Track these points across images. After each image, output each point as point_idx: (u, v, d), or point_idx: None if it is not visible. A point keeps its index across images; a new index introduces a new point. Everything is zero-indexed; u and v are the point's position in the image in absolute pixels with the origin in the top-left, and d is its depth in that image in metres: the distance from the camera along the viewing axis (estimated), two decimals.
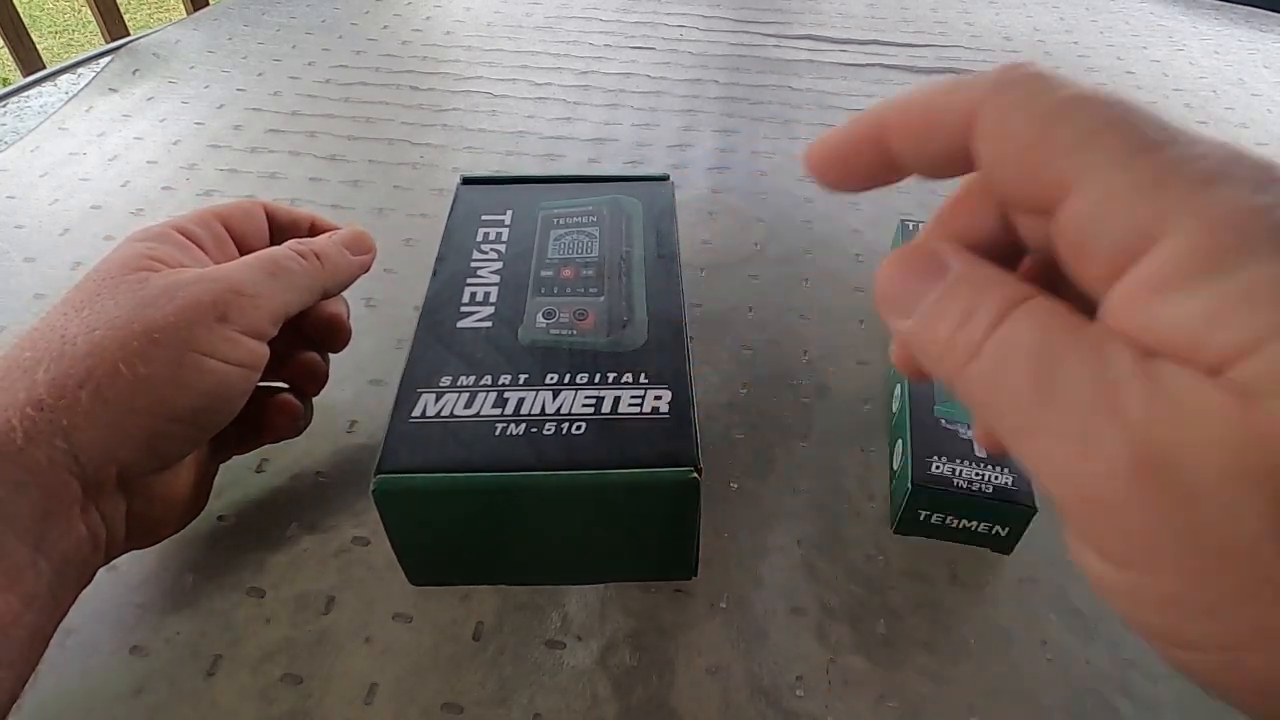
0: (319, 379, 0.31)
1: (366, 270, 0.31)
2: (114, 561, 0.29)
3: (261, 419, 0.29)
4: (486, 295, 0.31)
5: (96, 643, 0.27)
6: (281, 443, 0.34)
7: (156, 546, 0.30)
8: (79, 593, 0.23)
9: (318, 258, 0.28)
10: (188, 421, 0.23)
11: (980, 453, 0.30)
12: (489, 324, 0.30)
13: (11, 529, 0.20)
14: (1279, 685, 0.11)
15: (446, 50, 0.65)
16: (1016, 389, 0.12)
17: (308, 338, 0.31)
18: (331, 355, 0.32)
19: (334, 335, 0.31)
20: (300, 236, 0.30)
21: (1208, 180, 0.11)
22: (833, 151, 0.16)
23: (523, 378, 0.27)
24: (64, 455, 0.21)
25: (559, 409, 0.26)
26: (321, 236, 0.30)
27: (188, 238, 0.27)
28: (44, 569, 0.20)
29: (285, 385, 0.31)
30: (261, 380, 0.26)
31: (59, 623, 0.22)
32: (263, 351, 0.26)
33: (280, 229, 0.31)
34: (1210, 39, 0.72)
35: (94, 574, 0.23)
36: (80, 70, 0.62)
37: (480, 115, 0.56)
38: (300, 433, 0.31)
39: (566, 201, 0.35)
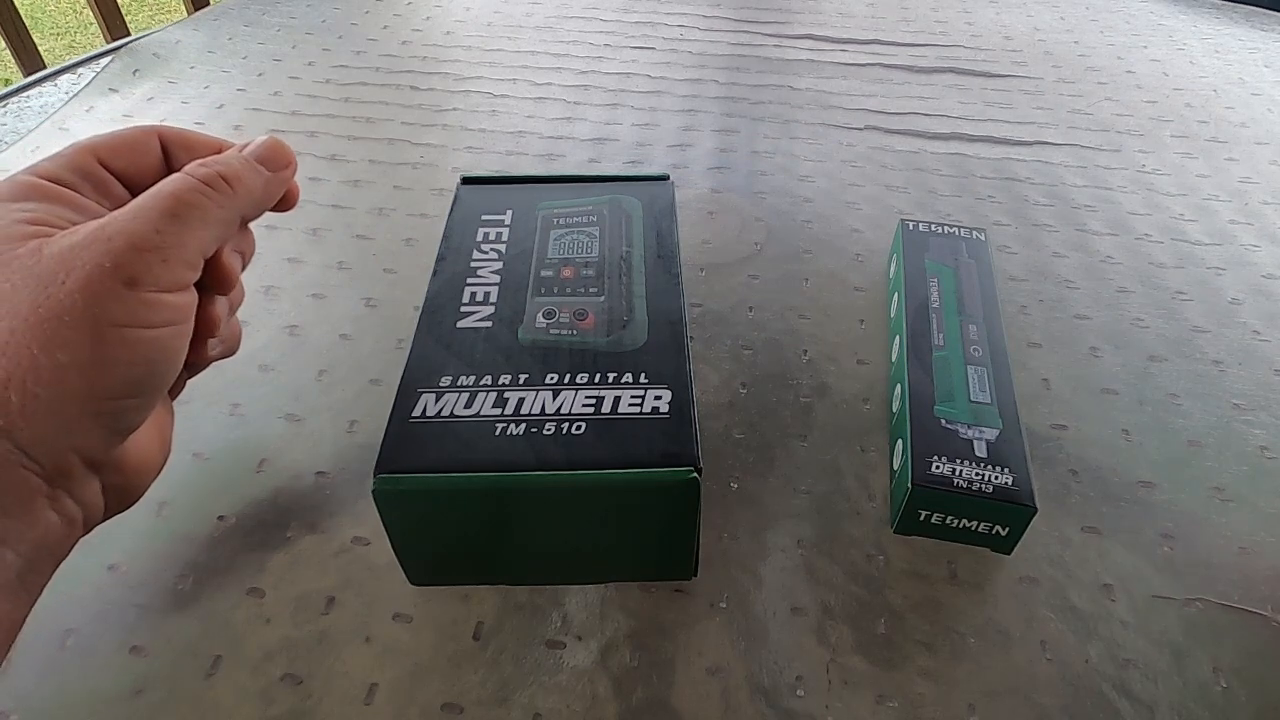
0: (229, 281, 0.26)
1: (287, 187, 0.27)
2: (114, 561, 0.29)
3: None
4: (486, 295, 0.31)
5: (96, 643, 0.27)
6: (281, 441, 0.34)
7: (157, 547, 0.30)
8: (55, 570, 0.22)
9: (226, 182, 0.24)
10: (131, 393, 0.22)
11: (980, 453, 0.30)
12: (489, 324, 0.30)
13: None
14: None
15: (446, 50, 0.65)
16: None
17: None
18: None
19: (220, 282, 0.26)
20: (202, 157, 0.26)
21: None
22: None
23: (523, 378, 0.27)
24: (12, 454, 0.20)
25: (559, 409, 0.26)
26: (229, 153, 0.26)
27: (62, 186, 0.23)
28: (11, 560, 0.20)
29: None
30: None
31: (33, 603, 0.21)
32: (187, 301, 0.23)
33: (178, 154, 0.26)
34: (1211, 38, 0.72)
35: (70, 549, 0.22)
36: (80, 70, 0.62)
37: (480, 115, 0.56)
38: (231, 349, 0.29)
39: (566, 201, 0.35)
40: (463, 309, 0.30)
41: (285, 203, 0.28)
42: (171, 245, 0.22)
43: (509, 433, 0.26)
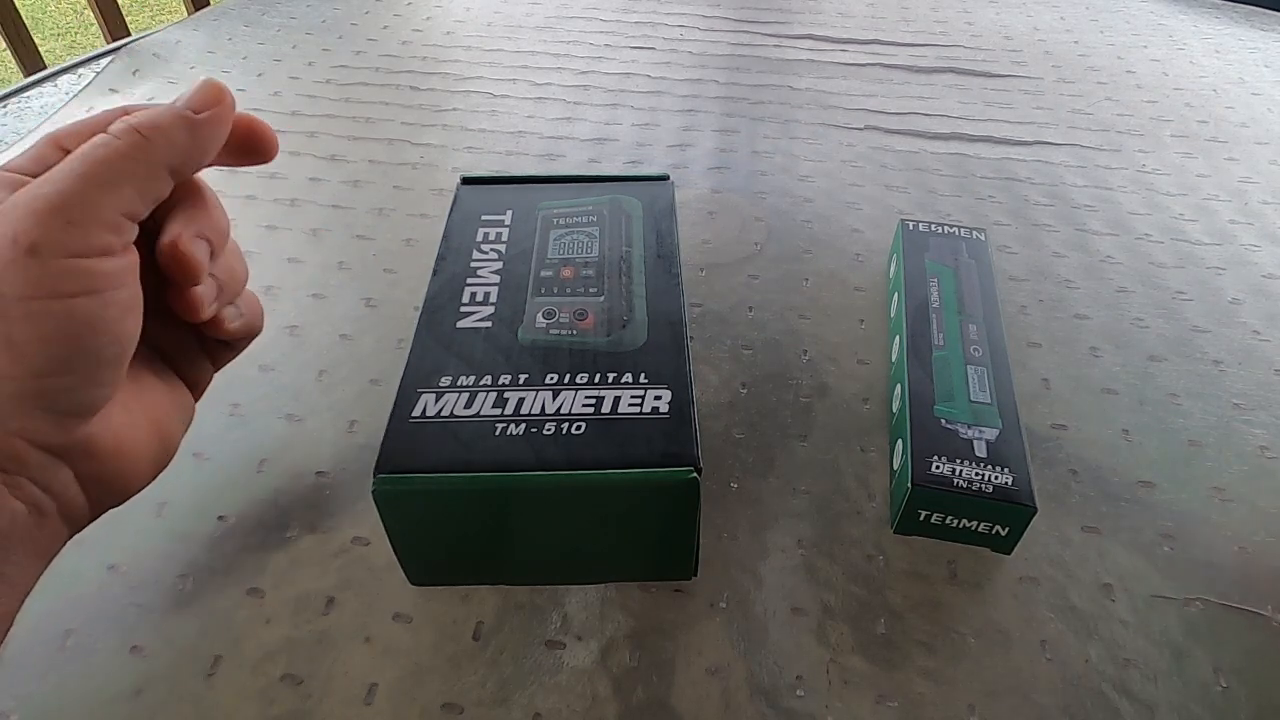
0: (189, 267, 0.24)
1: (223, 128, 0.24)
2: (114, 561, 0.29)
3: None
4: (486, 295, 0.31)
5: (96, 643, 0.27)
6: (281, 441, 0.34)
7: (157, 547, 0.30)
8: (44, 563, 0.21)
9: (140, 133, 0.21)
10: (61, 370, 0.20)
11: (980, 453, 0.30)
12: (489, 324, 0.30)
13: None
14: None
15: (446, 50, 0.65)
16: None
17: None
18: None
19: (180, 269, 0.23)
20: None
21: None
22: None
23: (523, 378, 0.27)
24: None
25: (559, 409, 0.26)
26: (156, 105, 0.23)
27: (26, 176, 0.22)
28: None
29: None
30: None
31: (21, 598, 0.20)
32: (113, 268, 0.21)
33: None
34: (1211, 38, 0.72)
35: (61, 542, 0.22)
36: (81, 71, 0.62)
37: (480, 115, 0.56)
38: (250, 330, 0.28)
39: (566, 201, 0.35)
40: (463, 309, 0.30)
41: (257, 151, 0.25)
42: (76, 206, 0.20)
43: (509, 433, 0.26)
